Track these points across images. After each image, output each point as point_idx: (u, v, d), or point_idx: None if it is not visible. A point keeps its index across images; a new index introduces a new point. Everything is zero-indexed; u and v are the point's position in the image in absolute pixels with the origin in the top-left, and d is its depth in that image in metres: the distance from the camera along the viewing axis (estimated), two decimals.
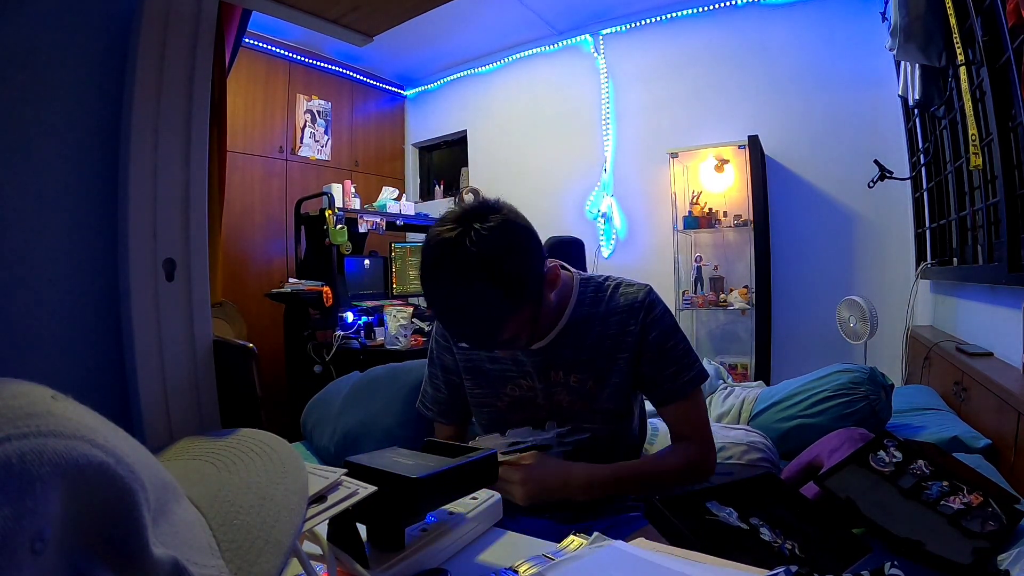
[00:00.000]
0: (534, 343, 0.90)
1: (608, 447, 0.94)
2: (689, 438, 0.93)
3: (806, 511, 0.74)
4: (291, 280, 3.03)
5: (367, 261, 3.45)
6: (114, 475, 0.27)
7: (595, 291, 0.94)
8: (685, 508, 0.70)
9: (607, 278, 0.97)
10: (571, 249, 3.04)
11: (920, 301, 2.65)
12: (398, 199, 3.66)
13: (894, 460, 0.86)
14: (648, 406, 1.63)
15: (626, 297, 0.92)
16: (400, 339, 2.87)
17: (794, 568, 0.45)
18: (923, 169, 2.55)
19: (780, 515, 0.71)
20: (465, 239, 0.74)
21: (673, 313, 0.97)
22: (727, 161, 3.25)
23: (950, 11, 1.71)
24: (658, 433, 1.38)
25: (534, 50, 4.00)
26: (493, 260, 0.74)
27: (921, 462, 0.85)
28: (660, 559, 0.51)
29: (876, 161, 2.43)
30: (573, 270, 0.98)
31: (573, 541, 0.57)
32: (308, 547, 0.48)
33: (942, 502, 0.77)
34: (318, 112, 3.93)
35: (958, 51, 1.70)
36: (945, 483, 0.80)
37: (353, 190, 3.44)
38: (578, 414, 0.93)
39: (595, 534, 0.57)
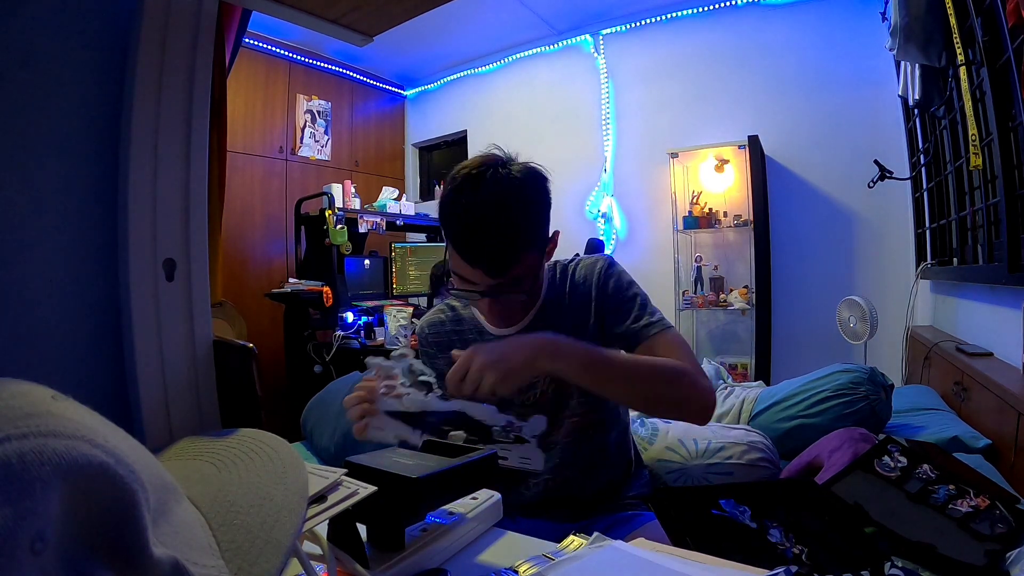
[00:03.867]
0: (518, 320, 0.90)
1: (599, 432, 0.94)
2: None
3: (835, 519, 0.73)
4: (291, 280, 3.03)
5: (367, 261, 3.45)
6: (114, 475, 0.28)
7: (561, 273, 0.96)
8: (693, 501, 0.70)
9: (571, 260, 0.98)
10: (601, 251, 3.36)
11: (920, 301, 2.66)
12: (398, 199, 3.66)
13: (899, 465, 0.86)
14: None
15: (585, 268, 0.94)
16: (400, 339, 2.87)
17: (794, 568, 0.45)
18: (923, 169, 2.55)
19: (804, 521, 0.70)
20: (500, 169, 0.79)
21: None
22: (727, 161, 3.25)
23: (950, 11, 1.71)
24: (658, 433, 1.38)
25: (534, 50, 4.00)
26: (524, 190, 0.79)
27: (926, 466, 0.85)
28: (660, 559, 0.51)
29: (876, 161, 2.43)
30: None
31: (573, 541, 0.57)
32: (308, 547, 0.48)
33: (950, 505, 0.77)
34: (318, 112, 3.93)
35: (958, 51, 1.70)
36: (951, 487, 0.80)
37: (353, 190, 3.45)
38: (564, 403, 0.92)
39: (595, 534, 0.57)
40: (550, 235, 0.87)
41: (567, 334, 0.88)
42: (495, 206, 0.77)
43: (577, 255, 0.98)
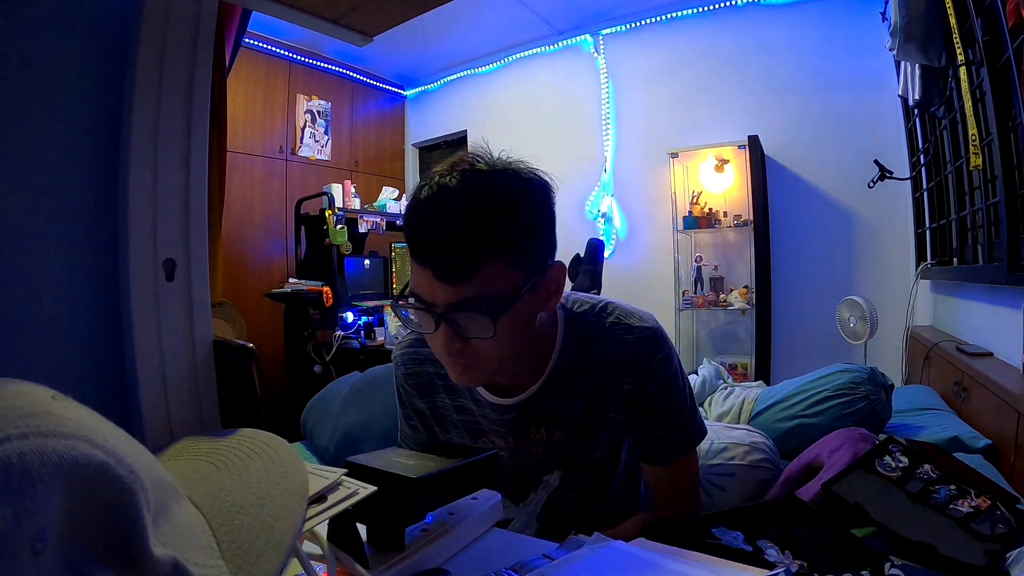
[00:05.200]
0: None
1: (598, 496, 0.84)
2: (674, 499, 0.80)
3: (828, 528, 0.73)
4: (291, 280, 3.03)
5: (367, 261, 3.45)
6: (114, 475, 0.27)
7: (588, 330, 0.76)
8: (686, 532, 0.69)
9: (603, 309, 0.78)
10: (601, 251, 3.34)
11: (920, 301, 2.65)
12: (398, 199, 3.66)
13: (900, 465, 0.86)
14: None
15: (623, 345, 0.75)
16: (400, 339, 2.87)
17: (794, 568, 0.45)
18: (923, 169, 2.55)
19: (796, 534, 0.70)
20: (469, 164, 0.63)
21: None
22: (727, 161, 3.25)
23: (950, 11, 1.71)
24: None
25: (534, 50, 4.00)
26: (504, 186, 0.62)
27: (927, 466, 0.85)
28: (660, 559, 0.51)
29: (876, 161, 2.43)
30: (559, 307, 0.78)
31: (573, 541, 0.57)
32: (308, 547, 0.48)
33: (951, 505, 0.77)
34: (318, 112, 3.93)
35: (958, 51, 1.70)
36: (952, 487, 0.80)
37: (353, 190, 3.45)
38: (567, 471, 0.81)
39: (595, 534, 0.57)
40: (544, 259, 0.66)
41: (582, 411, 0.76)
42: (458, 197, 0.60)
43: (605, 303, 0.79)
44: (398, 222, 3.56)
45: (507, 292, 0.62)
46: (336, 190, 3.22)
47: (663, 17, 3.52)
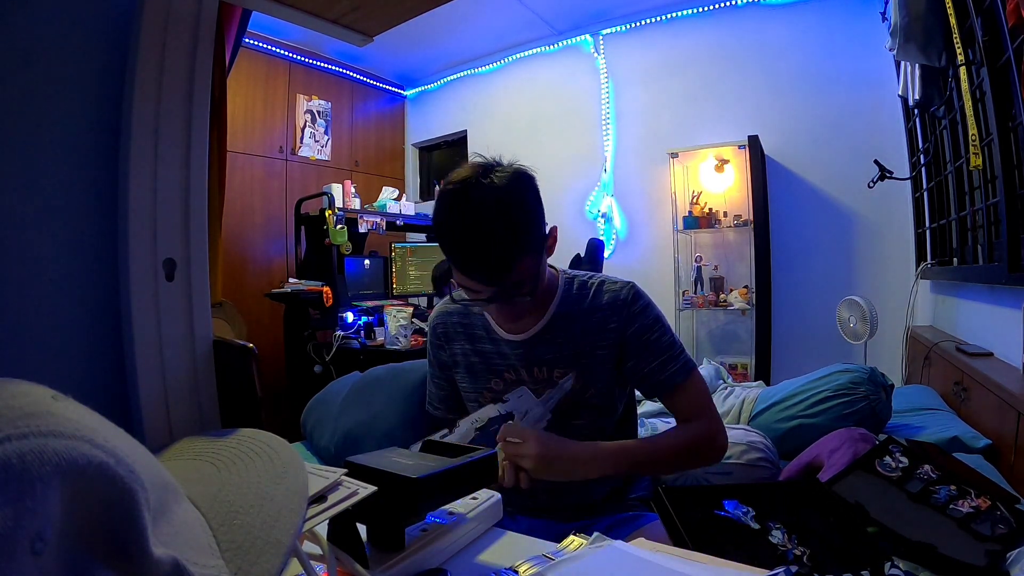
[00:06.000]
0: (528, 314, 0.91)
1: (594, 439, 0.94)
2: (693, 419, 0.92)
3: (839, 519, 0.73)
4: (291, 280, 3.03)
5: (367, 261, 3.45)
6: (114, 475, 0.27)
7: (580, 288, 0.96)
8: (695, 501, 0.70)
9: (592, 276, 0.98)
10: (601, 251, 3.35)
11: (920, 301, 2.65)
12: (398, 199, 3.66)
13: (900, 465, 0.86)
14: (652, 405, 1.62)
15: (609, 294, 0.93)
16: (400, 339, 2.87)
17: (794, 568, 0.45)
18: (923, 169, 2.55)
19: (807, 522, 0.70)
20: (483, 180, 0.80)
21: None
22: (727, 161, 3.25)
23: (950, 11, 1.71)
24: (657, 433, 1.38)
25: (534, 50, 4.00)
26: (509, 198, 0.80)
27: (927, 467, 0.85)
28: (660, 559, 0.51)
29: (876, 161, 2.43)
30: (559, 268, 0.99)
31: (573, 541, 0.57)
32: (308, 547, 0.48)
33: (951, 506, 0.77)
34: (318, 112, 3.93)
35: (958, 51, 1.70)
36: (953, 487, 0.80)
37: (353, 190, 3.45)
38: (564, 410, 0.93)
39: (595, 534, 0.57)
40: (546, 233, 0.87)
41: (575, 352, 0.92)
42: (480, 220, 0.78)
43: (593, 274, 0.99)
44: (398, 222, 3.56)
45: (532, 272, 0.84)
46: (336, 190, 3.22)
47: (663, 17, 3.52)
